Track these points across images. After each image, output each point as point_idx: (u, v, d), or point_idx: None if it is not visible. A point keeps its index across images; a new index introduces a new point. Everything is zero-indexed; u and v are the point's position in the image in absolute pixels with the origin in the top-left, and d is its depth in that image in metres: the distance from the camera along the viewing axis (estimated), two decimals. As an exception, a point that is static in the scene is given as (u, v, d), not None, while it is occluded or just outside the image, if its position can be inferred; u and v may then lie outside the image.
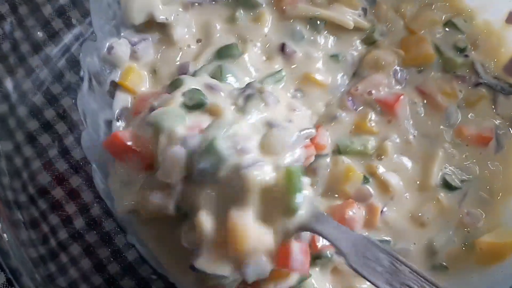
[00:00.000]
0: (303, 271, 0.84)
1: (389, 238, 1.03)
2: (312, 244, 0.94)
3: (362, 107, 1.09)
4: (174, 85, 0.96)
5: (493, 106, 1.12)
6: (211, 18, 1.10)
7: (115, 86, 1.02)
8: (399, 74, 1.11)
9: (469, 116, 1.11)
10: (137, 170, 0.91)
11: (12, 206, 0.87)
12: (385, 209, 1.03)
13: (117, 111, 1.03)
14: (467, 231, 1.05)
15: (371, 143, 1.06)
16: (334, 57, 1.10)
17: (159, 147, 0.85)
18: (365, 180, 1.03)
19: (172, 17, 1.07)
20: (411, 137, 1.08)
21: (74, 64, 0.95)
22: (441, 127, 1.10)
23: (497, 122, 1.11)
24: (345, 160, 1.05)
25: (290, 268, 0.82)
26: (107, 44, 1.01)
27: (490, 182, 1.08)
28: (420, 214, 1.04)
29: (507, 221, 1.04)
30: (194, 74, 1.04)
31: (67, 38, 0.94)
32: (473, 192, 1.08)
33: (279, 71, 1.07)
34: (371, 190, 1.03)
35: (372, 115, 1.08)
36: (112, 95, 1.02)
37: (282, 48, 1.08)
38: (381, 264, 0.73)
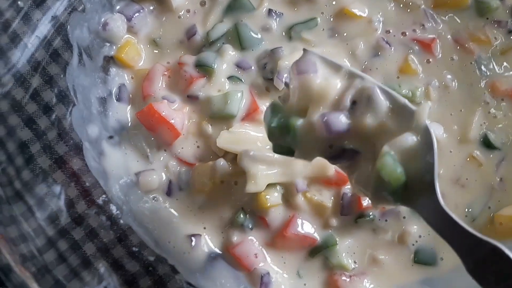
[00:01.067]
0: None
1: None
2: (358, 202, 0.92)
3: (398, 47, 1.02)
4: (205, 69, 0.97)
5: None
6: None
7: (108, 61, 0.98)
8: (429, 17, 1.03)
9: (503, 66, 1.01)
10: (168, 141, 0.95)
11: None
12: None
13: (114, 89, 0.99)
14: (497, 201, 0.97)
15: (420, 90, 1.00)
16: None
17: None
18: None
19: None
20: (449, 83, 1.02)
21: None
22: (476, 77, 1.02)
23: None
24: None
25: None
26: (102, 19, 0.97)
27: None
28: (460, 174, 0.98)
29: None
30: (207, 37, 1.00)
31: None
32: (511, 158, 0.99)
33: (313, 18, 1.01)
34: None
35: (411, 55, 1.02)
36: (105, 70, 0.97)
37: None
38: (505, 281, 0.58)
